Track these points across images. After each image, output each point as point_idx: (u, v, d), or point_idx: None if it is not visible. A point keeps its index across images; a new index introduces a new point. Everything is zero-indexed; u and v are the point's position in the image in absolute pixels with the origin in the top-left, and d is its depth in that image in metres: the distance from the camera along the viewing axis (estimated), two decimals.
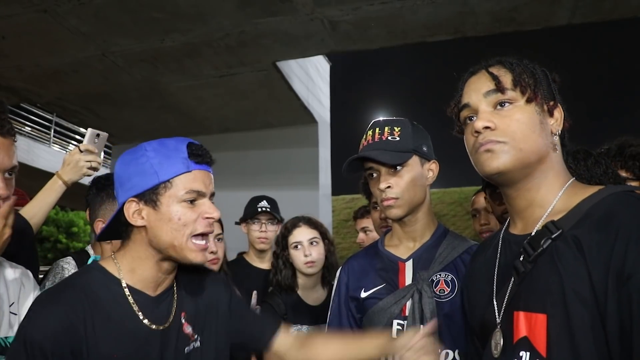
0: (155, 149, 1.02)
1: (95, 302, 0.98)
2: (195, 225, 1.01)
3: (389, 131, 1.32)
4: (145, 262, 1.04)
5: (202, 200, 1.03)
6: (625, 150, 1.53)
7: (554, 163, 0.91)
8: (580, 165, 1.30)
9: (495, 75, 0.91)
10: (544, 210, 0.89)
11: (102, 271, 1.04)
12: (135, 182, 1.01)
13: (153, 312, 1.04)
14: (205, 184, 1.03)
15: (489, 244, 1.05)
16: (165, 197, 1.00)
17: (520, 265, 0.86)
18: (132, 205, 1.01)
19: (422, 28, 3.97)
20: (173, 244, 1.00)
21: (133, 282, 1.04)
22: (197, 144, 1.05)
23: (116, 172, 1.07)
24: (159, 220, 1.00)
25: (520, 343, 0.84)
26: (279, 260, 2.02)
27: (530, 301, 0.84)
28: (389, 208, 1.30)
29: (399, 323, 1.28)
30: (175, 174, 1.00)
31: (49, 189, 1.71)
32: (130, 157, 1.04)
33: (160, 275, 1.06)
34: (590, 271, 0.76)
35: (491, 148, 0.88)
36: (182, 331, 1.08)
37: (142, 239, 1.04)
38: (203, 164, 1.04)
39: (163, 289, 1.08)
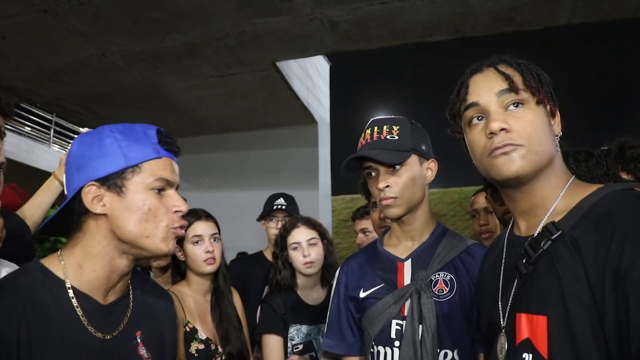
0: (123, 131, 0.95)
1: (34, 308, 0.85)
2: (168, 219, 0.93)
3: (387, 130, 1.31)
4: (97, 258, 0.93)
5: (169, 191, 0.96)
6: (627, 152, 1.52)
7: (557, 164, 0.90)
8: (581, 166, 1.30)
9: (507, 74, 0.88)
10: (546, 210, 0.88)
11: (42, 271, 0.91)
12: (98, 165, 0.91)
13: (100, 321, 0.93)
14: (174, 173, 0.97)
15: (496, 245, 1.04)
16: (133, 182, 0.91)
17: (522, 267, 0.86)
18: (91, 190, 0.91)
19: (422, 28, 3.97)
20: (143, 234, 0.91)
21: (80, 283, 0.92)
22: (165, 131, 0.99)
23: (73, 153, 0.95)
24: (124, 208, 0.91)
25: (522, 345, 0.84)
26: (278, 261, 2.02)
27: (531, 303, 0.84)
28: (388, 207, 1.30)
29: (397, 323, 1.28)
30: (145, 159, 0.92)
31: (45, 189, 1.72)
32: (92, 138, 0.94)
33: (112, 277, 0.94)
34: (588, 272, 0.75)
35: (509, 151, 0.85)
36: (137, 353, 0.97)
37: (97, 230, 0.92)
38: (171, 152, 0.98)
39: (115, 297, 0.97)
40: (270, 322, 1.92)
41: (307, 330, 1.96)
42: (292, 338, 1.94)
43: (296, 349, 1.92)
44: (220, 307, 1.81)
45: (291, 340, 1.93)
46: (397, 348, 1.26)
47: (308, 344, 1.95)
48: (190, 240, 1.79)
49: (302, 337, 1.94)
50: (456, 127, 0.98)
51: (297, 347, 1.93)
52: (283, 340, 1.91)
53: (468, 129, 0.93)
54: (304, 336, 1.95)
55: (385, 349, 1.28)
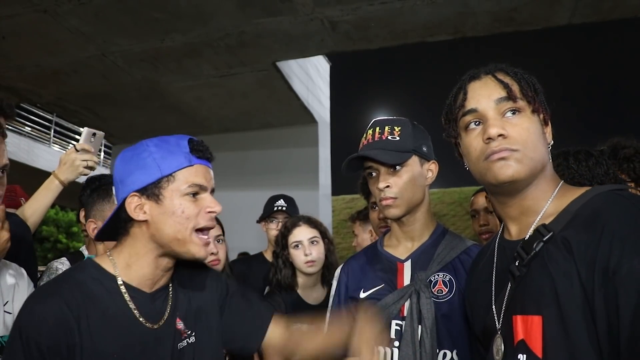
0: (157, 144, 1.03)
1: (91, 298, 0.98)
2: (197, 219, 1.02)
3: (389, 131, 1.32)
4: (143, 258, 1.04)
5: (204, 195, 1.04)
6: (619, 153, 1.53)
7: (548, 170, 0.93)
8: (582, 166, 1.30)
9: (505, 83, 0.91)
10: (536, 215, 0.91)
11: (96, 267, 1.04)
12: (137, 177, 1.01)
13: (148, 309, 1.04)
14: (207, 179, 1.05)
15: (486, 251, 1.06)
16: (168, 190, 1.01)
17: (516, 269, 0.88)
18: (134, 200, 1.01)
19: (422, 28, 3.97)
20: (177, 237, 1.01)
21: (129, 278, 1.04)
22: (197, 140, 1.07)
23: (116, 169, 1.06)
24: (162, 214, 1.01)
25: (518, 346, 0.85)
26: (279, 260, 2.02)
27: (526, 304, 0.85)
28: (388, 207, 1.30)
29: (397, 323, 1.28)
30: (178, 168, 1.01)
31: (45, 188, 1.72)
32: (131, 154, 1.05)
33: (157, 272, 1.06)
34: (579, 270, 0.77)
35: (506, 156, 0.88)
36: (175, 327, 1.08)
37: (142, 235, 1.03)
38: (204, 159, 1.06)
39: (159, 286, 1.08)
40: None
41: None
42: None
43: None
44: None
45: None
46: (396, 348, 1.26)
47: None
48: None
49: None
50: (451, 131, 1.00)
51: None
52: None
53: (464, 134, 0.96)
54: None
55: (385, 349, 1.28)
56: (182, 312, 1.11)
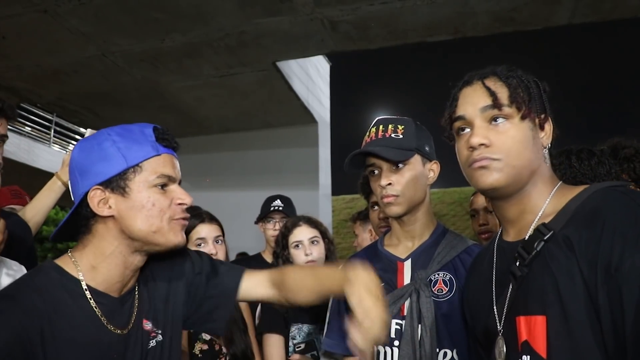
0: (120, 133, 0.96)
1: (54, 306, 0.87)
2: (171, 211, 0.95)
3: (392, 129, 1.32)
4: (110, 258, 0.95)
5: (173, 186, 0.97)
6: (620, 153, 1.52)
7: (544, 173, 0.93)
8: (584, 165, 1.30)
9: (492, 90, 0.91)
10: (535, 215, 0.91)
11: (58, 271, 0.93)
12: (100, 169, 0.92)
13: (117, 315, 0.96)
14: (175, 169, 0.98)
15: (485, 253, 1.06)
16: (135, 182, 0.93)
17: (517, 270, 0.88)
18: (97, 194, 0.92)
19: (422, 28, 3.97)
20: (151, 230, 0.93)
21: (95, 282, 0.94)
22: (162, 128, 1.00)
23: (74, 160, 0.96)
24: (130, 208, 0.92)
25: (521, 348, 0.84)
26: (279, 260, 2.02)
27: (529, 304, 0.85)
28: (389, 205, 1.31)
29: (397, 323, 1.28)
30: (145, 158, 0.94)
31: (48, 189, 1.72)
32: (91, 143, 0.96)
33: (127, 272, 0.97)
34: (581, 268, 0.77)
35: (486, 165, 0.90)
36: (143, 328, 1.00)
37: (107, 232, 0.94)
38: (170, 148, 0.99)
39: (127, 289, 1.00)
40: (271, 322, 1.92)
41: (309, 329, 1.96)
42: (293, 337, 1.94)
43: (298, 348, 1.92)
44: None
45: (292, 339, 1.93)
46: (396, 347, 1.26)
47: (310, 343, 1.95)
48: (194, 243, 1.78)
49: (304, 337, 1.95)
50: (448, 134, 1.02)
51: (299, 346, 1.93)
52: (284, 339, 1.91)
53: (457, 138, 0.97)
54: (305, 335, 1.95)
55: (385, 349, 1.28)
56: (148, 312, 1.03)
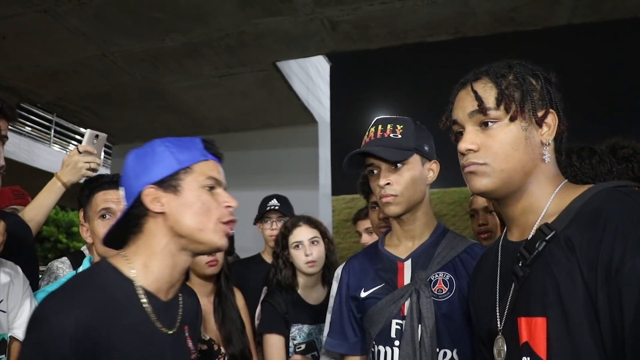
0: (172, 140, 1.05)
1: (113, 304, 0.94)
2: (219, 212, 1.02)
3: (391, 129, 1.32)
4: (161, 256, 1.01)
5: (219, 190, 1.06)
6: (618, 152, 1.51)
7: (545, 171, 0.92)
8: (585, 164, 1.29)
9: (478, 95, 0.91)
10: (538, 215, 0.90)
11: (114, 270, 0.99)
12: (154, 170, 1.01)
13: (164, 318, 1.02)
14: (221, 174, 1.07)
15: (490, 253, 1.06)
16: (186, 182, 1.01)
17: (519, 270, 0.87)
18: (150, 192, 1.00)
19: (422, 28, 3.97)
20: (198, 227, 1.00)
21: (147, 282, 1.00)
22: (209, 139, 1.11)
23: (128, 167, 1.04)
24: (181, 205, 1.00)
25: (522, 349, 0.84)
26: (279, 260, 2.02)
27: (530, 306, 0.84)
28: (388, 205, 1.31)
29: (397, 323, 1.28)
30: (195, 161, 1.03)
31: (48, 190, 1.72)
32: (144, 151, 1.05)
33: (175, 273, 1.03)
34: (582, 269, 0.76)
35: (474, 170, 0.91)
36: (186, 344, 1.07)
37: (158, 229, 1.01)
38: (216, 157, 1.09)
39: (173, 294, 1.06)
40: (271, 322, 1.92)
41: (309, 329, 1.96)
42: (293, 338, 1.94)
43: (299, 349, 1.92)
44: (223, 309, 1.82)
45: (293, 340, 1.94)
46: (397, 347, 1.26)
47: (310, 343, 1.95)
48: None
49: (304, 337, 1.95)
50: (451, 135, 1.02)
51: (299, 346, 1.93)
52: (284, 339, 1.91)
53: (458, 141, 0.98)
54: (305, 336, 1.95)
55: (385, 349, 1.28)
56: (190, 330, 1.10)
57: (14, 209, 2.27)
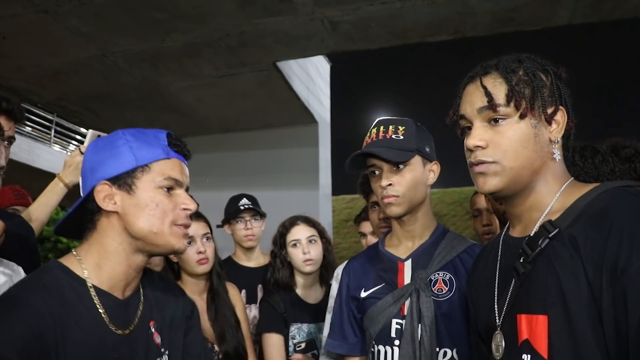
0: (134, 134, 0.99)
1: (63, 305, 0.89)
2: (174, 215, 0.97)
3: (393, 130, 1.33)
4: (114, 255, 0.96)
5: (179, 191, 0.99)
6: (620, 153, 1.51)
7: (552, 169, 0.90)
8: (587, 163, 1.28)
9: (488, 91, 0.89)
10: (541, 212, 0.89)
11: (64, 270, 0.94)
12: (110, 165, 0.95)
13: (119, 317, 0.96)
14: (183, 174, 1.00)
15: (490, 248, 1.05)
16: (142, 181, 0.95)
17: (520, 266, 0.86)
18: (104, 189, 0.95)
19: (422, 28, 3.97)
20: (152, 230, 0.95)
21: (100, 281, 0.95)
22: (176, 135, 1.03)
23: (87, 158, 1.00)
24: (134, 205, 0.94)
25: (522, 346, 0.84)
26: (277, 259, 2.02)
27: (531, 303, 0.84)
28: (389, 205, 1.31)
29: (397, 322, 1.28)
30: (155, 159, 0.97)
31: (50, 191, 1.72)
32: (104, 142, 0.99)
33: (130, 271, 0.98)
34: (586, 269, 0.76)
35: (483, 171, 0.89)
36: (153, 340, 1.01)
37: (111, 228, 0.96)
38: (181, 155, 1.02)
39: (131, 291, 1.01)
40: (270, 321, 1.92)
41: (308, 328, 1.96)
42: (293, 337, 1.94)
43: (299, 348, 1.93)
44: (216, 306, 1.82)
45: (292, 339, 1.94)
46: (397, 347, 1.26)
47: (310, 342, 1.95)
48: None
49: (304, 336, 1.95)
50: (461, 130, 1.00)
51: (299, 345, 1.93)
52: (284, 338, 1.91)
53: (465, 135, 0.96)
54: (305, 335, 1.95)
55: (385, 348, 1.29)
56: (158, 325, 1.04)
57: (15, 209, 2.27)
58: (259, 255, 2.38)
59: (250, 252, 2.36)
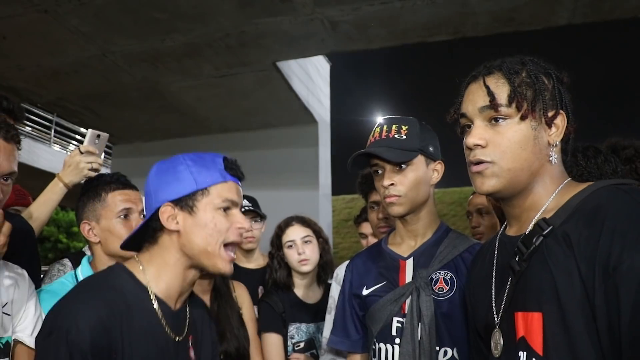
0: (193, 159, 1.07)
1: (128, 306, 0.98)
2: (228, 233, 1.04)
3: (396, 129, 1.33)
4: (172, 268, 1.05)
5: (234, 210, 1.07)
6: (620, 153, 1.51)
7: (550, 171, 0.91)
8: (590, 163, 1.29)
9: (491, 90, 0.90)
10: (537, 211, 0.90)
11: (130, 275, 1.04)
12: (173, 188, 1.04)
13: (173, 325, 1.06)
14: (238, 195, 1.08)
15: (487, 247, 1.06)
16: (202, 203, 1.03)
17: (516, 264, 0.87)
18: (167, 210, 1.03)
19: (422, 28, 3.97)
20: (207, 249, 1.03)
21: (158, 289, 1.05)
22: (231, 159, 1.11)
23: (151, 180, 1.08)
24: (195, 225, 1.03)
25: (519, 343, 0.84)
26: (275, 260, 2.03)
27: (526, 301, 0.84)
28: (391, 205, 1.31)
29: (398, 320, 1.29)
30: (213, 183, 1.05)
31: (50, 191, 1.71)
32: (167, 166, 1.08)
33: (184, 285, 1.08)
34: (579, 266, 0.76)
35: (480, 171, 0.90)
36: (188, 355, 1.10)
37: (172, 244, 1.05)
38: (236, 177, 1.10)
39: (181, 304, 1.10)
40: (269, 321, 1.92)
41: (307, 328, 1.97)
42: (292, 337, 1.94)
43: (297, 347, 1.93)
44: (218, 305, 1.82)
45: (291, 338, 1.94)
46: (397, 345, 1.27)
47: (309, 341, 1.95)
48: None
49: (303, 335, 1.95)
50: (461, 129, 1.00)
51: (298, 345, 1.93)
52: (282, 338, 1.91)
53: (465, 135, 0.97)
54: (304, 334, 1.96)
55: (386, 346, 1.29)
56: (194, 340, 1.12)
57: (16, 209, 2.27)
58: (259, 257, 2.39)
59: (250, 253, 2.36)
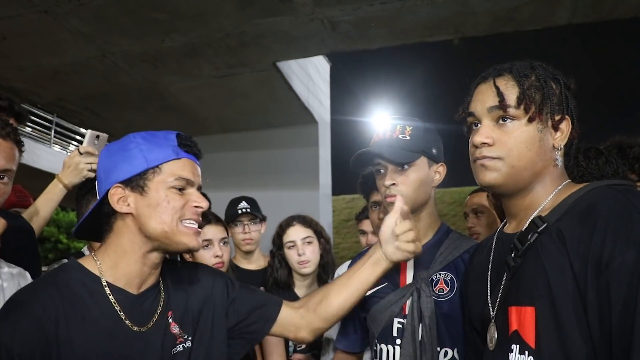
0: (144, 137, 1.01)
1: (71, 300, 0.93)
2: (183, 210, 0.99)
3: (400, 130, 1.33)
4: (130, 255, 0.99)
5: (191, 190, 1.01)
6: (628, 152, 1.51)
7: (552, 173, 0.94)
8: (591, 164, 1.30)
9: (500, 91, 0.92)
10: (535, 210, 0.93)
11: (80, 269, 0.99)
12: (122, 169, 0.98)
13: (135, 312, 0.99)
14: (194, 173, 1.02)
15: (485, 245, 1.09)
16: (154, 182, 0.98)
17: (511, 260, 0.90)
18: (117, 192, 0.98)
19: (422, 28, 3.97)
20: (164, 229, 0.97)
21: (115, 278, 0.99)
22: (186, 135, 1.05)
23: (101, 163, 1.03)
24: (147, 206, 0.97)
25: (512, 336, 0.87)
26: (275, 259, 2.02)
27: (520, 295, 0.87)
28: (392, 205, 1.31)
29: (399, 321, 1.29)
30: (165, 160, 0.99)
31: (50, 192, 1.71)
32: (117, 146, 1.02)
33: (145, 269, 1.01)
34: (572, 262, 0.79)
35: (486, 164, 0.93)
36: (169, 331, 1.03)
37: (127, 229, 0.99)
38: (191, 154, 1.04)
39: (147, 286, 1.03)
40: None
41: None
42: None
43: (299, 348, 1.93)
44: None
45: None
46: (398, 346, 1.27)
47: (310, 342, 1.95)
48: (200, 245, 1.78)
49: None
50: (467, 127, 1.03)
51: (299, 345, 1.93)
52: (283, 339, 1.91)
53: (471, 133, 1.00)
54: None
55: (387, 347, 1.29)
56: (177, 313, 1.06)
57: (16, 210, 2.27)
58: (259, 258, 2.38)
59: (249, 255, 2.36)
